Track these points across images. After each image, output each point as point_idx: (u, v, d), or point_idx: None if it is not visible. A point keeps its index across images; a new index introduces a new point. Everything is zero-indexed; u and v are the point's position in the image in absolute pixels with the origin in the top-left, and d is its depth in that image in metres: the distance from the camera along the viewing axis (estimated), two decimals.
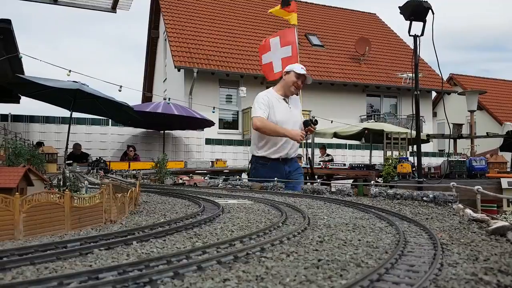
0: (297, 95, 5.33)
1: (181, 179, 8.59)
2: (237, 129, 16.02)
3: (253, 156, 5.35)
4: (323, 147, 12.81)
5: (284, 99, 5.12)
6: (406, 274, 1.79)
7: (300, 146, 11.81)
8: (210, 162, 10.63)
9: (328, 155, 12.94)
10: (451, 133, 8.72)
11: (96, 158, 9.40)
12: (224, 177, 9.90)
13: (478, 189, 4.30)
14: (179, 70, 14.74)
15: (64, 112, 9.76)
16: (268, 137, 4.97)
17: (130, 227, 2.89)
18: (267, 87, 17.01)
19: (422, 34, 6.64)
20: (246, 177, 9.99)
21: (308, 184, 7.39)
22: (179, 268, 1.70)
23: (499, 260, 2.07)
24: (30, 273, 1.51)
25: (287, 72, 5.11)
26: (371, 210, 4.51)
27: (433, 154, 15.80)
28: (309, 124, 4.85)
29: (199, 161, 10.57)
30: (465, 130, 12.88)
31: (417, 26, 6.65)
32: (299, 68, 5.01)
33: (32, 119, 10.47)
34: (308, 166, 9.22)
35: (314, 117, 5.10)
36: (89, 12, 9.14)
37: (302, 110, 11.34)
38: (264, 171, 5.12)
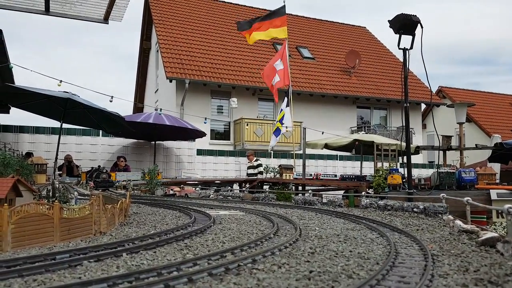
0: None
1: (171, 190, 8.52)
2: (229, 140, 16.01)
3: None
4: (251, 152, 11.96)
5: None
6: (397, 286, 1.80)
7: (292, 157, 11.86)
8: (142, 173, 9.73)
9: (257, 160, 11.76)
10: (441, 145, 8.84)
11: (92, 167, 9.12)
12: (215, 188, 9.86)
13: (468, 200, 4.36)
14: (171, 81, 14.75)
15: (54, 123, 9.66)
16: None
17: (120, 238, 2.86)
18: (259, 99, 16.80)
19: (411, 47, 6.79)
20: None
21: (300, 195, 7.38)
22: (169, 280, 1.69)
23: (489, 271, 2.09)
24: (18, 285, 1.49)
25: None
26: (362, 221, 4.50)
27: (423, 166, 15.95)
28: None
29: (129, 173, 9.76)
30: (454, 142, 13.04)
31: (406, 40, 6.80)
32: None
33: (21, 129, 10.35)
34: (300, 176, 9.23)
35: None
36: (82, 23, 9.11)
37: (294, 122, 11.39)
38: None
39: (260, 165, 11.33)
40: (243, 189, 9.57)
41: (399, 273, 2.05)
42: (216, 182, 10.39)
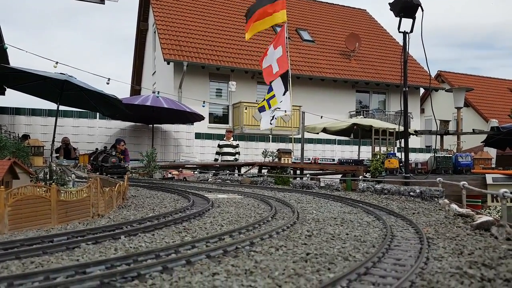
0: None
1: (170, 173, 8.53)
2: (228, 123, 15.95)
3: None
4: (231, 129, 11.59)
5: None
6: (392, 268, 1.82)
7: (290, 142, 11.86)
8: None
9: (234, 139, 11.20)
10: (438, 129, 8.85)
11: (97, 149, 8.99)
12: (214, 171, 9.88)
13: (464, 184, 4.39)
14: (168, 63, 14.59)
15: (50, 105, 9.58)
16: None
17: (118, 221, 2.87)
18: (258, 82, 16.15)
19: (411, 31, 6.72)
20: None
21: (298, 178, 7.41)
22: (167, 263, 1.70)
23: (483, 254, 2.11)
24: (16, 267, 1.49)
25: None
26: (359, 205, 4.54)
27: (420, 150, 16.00)
28: None
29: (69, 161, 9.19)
30: (451, 127, 13.04)
31: (406, 23, 6.72)
32: None
33: (18, 111, 10.27)
34: (298, 161, 9.26)
35: None
36: (78, 4, 8.94)
37: (293, 106, 11.23)
38: None
39: (238, 145, 10.96)
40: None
41: (395, 255, 2.07)
42: (215, 166, 10.40)
